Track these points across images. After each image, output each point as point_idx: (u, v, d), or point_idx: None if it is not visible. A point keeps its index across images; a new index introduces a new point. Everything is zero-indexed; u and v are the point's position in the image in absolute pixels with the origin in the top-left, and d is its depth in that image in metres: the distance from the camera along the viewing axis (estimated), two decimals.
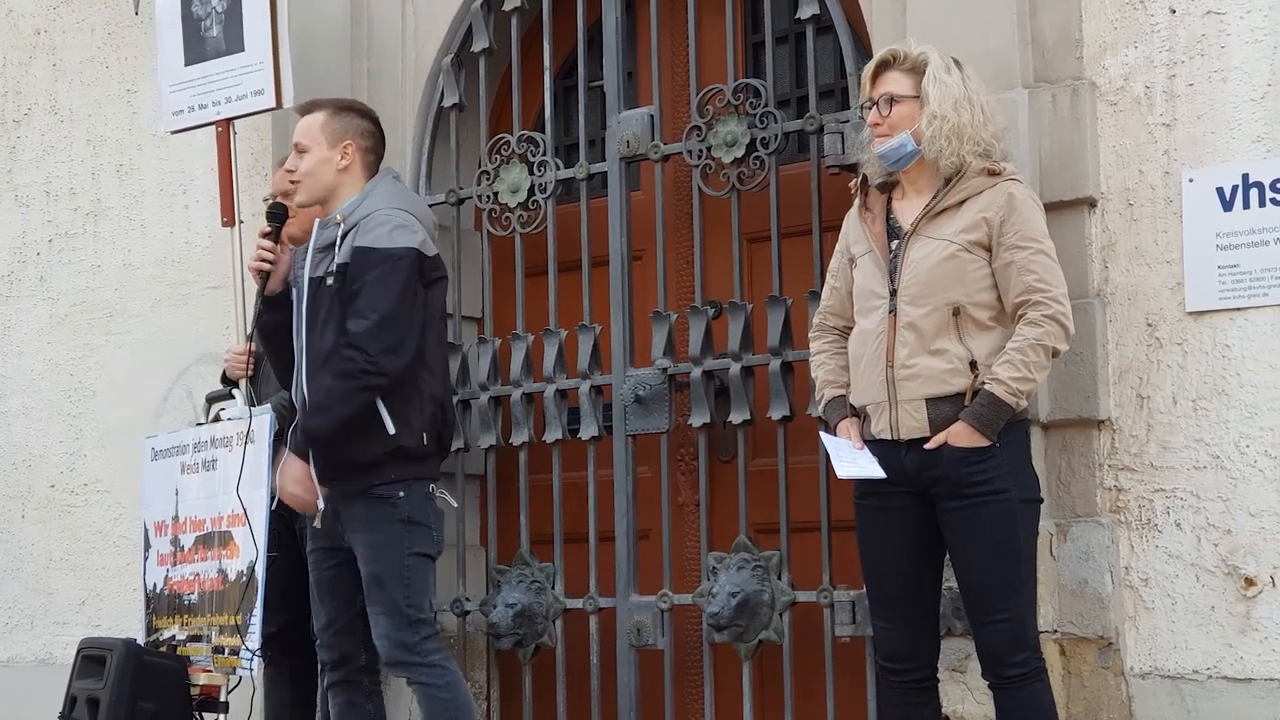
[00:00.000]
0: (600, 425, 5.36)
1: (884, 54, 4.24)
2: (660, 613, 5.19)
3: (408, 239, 4.62)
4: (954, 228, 4.11)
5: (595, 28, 5.53)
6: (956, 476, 4.03)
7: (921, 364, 4.07)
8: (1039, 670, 4.06)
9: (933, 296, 4.08)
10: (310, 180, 4.78)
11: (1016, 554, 4.05)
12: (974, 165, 4.13)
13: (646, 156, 5.34)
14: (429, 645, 4.62)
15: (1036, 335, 4.01)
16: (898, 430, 4.11)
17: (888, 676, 4.22)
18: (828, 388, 4.32)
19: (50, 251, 6.99)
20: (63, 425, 6.87)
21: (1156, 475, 4.49)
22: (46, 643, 6.81)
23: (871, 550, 4.22)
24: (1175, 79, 4.52)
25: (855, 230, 4.31)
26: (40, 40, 7.11)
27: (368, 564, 4.63)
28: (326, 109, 4.85)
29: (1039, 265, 4.06)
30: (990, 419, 4.01)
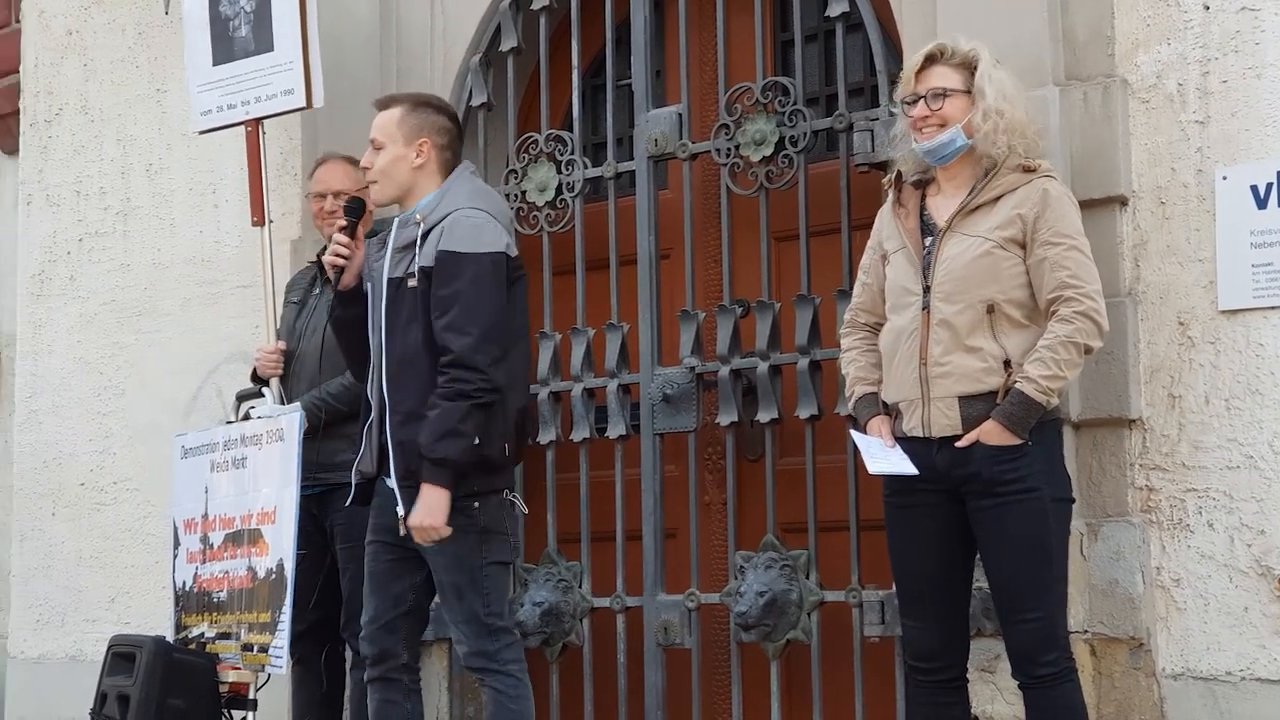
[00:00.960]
0: (628, 424, 5.35)
1: (932, 47, 4.22)
2: (687, 612, 5.18)
3: (492, 240, 4.56)
4: (989, 224, 4.10)
5: (623, 26, 5.52)
6: (988, 475, 4.02)
7: (955, 361, 4.06)
8: (1070, 670, 4.04)
9: (967, 294, 4.07)
10: (386, 178, 4.70)
11: (1048, 553, 4.03)
12: (1009, 161, 4.12)
13: (674, 155, 5.33)
14: (508, 654, 4.57)
15: (1068, 332, 4.00)
16: (930, 428, 4.09)
17: (917, 676, 4.21)
18: (859, 385, 4.31)
19: (80, 251, 7.01)
20: (93, 424, 6.89)
21: (1188, 475, 4.46)
22: (77, 640, 6.83)
23: (901, 548, 4.21)
24: (1209, 76, 4.49)
25: (888, 226, 4.29)
26: (71, 40, 7.13)
27: (444, 573, 4.55)
28: (403, 105, 4.76)
29: (1072, 261, 4.04)
30: (1021, 417, 4.00)
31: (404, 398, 4.55)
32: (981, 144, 4.12)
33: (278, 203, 6.08)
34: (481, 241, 4.53)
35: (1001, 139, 4.10)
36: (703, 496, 5.32)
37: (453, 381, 4.44)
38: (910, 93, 4.20)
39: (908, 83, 4.22)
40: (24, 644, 7.04)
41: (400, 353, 4.57)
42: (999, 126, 4.10)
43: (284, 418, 5.14)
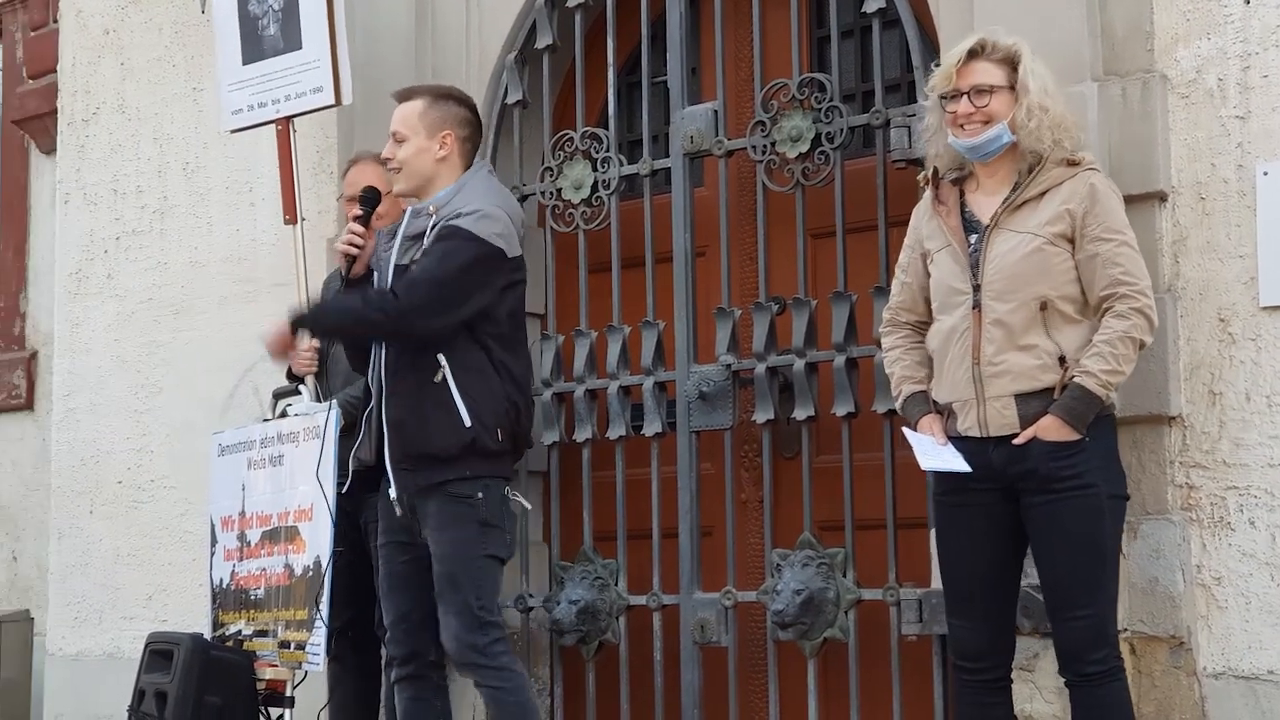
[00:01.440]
0: (664, 422, 5.34)
1: (974, 42, 4.17)
2: (724, 610, 5.17)
3: (491, 230, 4.61)
4: (1037, 220, 4.07)
5: (659, 23, 5.51)
6: (1045, 471, 3.99)
7: (1010, 360, 4.04)
8: (1118, 669, 4.02)
9: (1019, 291, 4.04)
10: (408, 170, 4.75)
11: (1101, 550, 4.01)
12: (1053, 155, 4.09)
13: (710, 152, 5.32)
14: (497, 648, 4.60)
15: (1125, 328, 3.98)
16: (986, 427, 4.07)
17: (963, 676, 4.18)
18: (905, 384, 4.28)
19: (117, 249, 7.03)
20: (130, 422, 6.91)
21: (1229, 473, 4.43)
22: (114, 637, 6.86)
23: (952, 547, 4.19)
24: (1249, 71, 4.46)
25: (928, 225, 4.26)
26: (108, 40, 7.16)
27: (442, 563, 4.60)
28: (425, 97, 4.81)
29: (1124, 258, 4.03)
30: (1080, 412, 3.97)
31: (401, 381, 4.62)
32: (1025, 140, 4.09)
33: (313, 201, 6.10)
34: (479, 227, 4.59)
35: (1046, 134, 4.08)
36: (739, 494, 5.31)
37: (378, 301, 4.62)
38: (951, 88, 4.15)
39: (947, 78, 4.17)
40: (62, 641, 7.07)
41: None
42: (1044, 122, 4.07)
43: (320, 415, 5.14)
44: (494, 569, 4.66)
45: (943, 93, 4.18)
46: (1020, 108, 4.09)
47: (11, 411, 8.17)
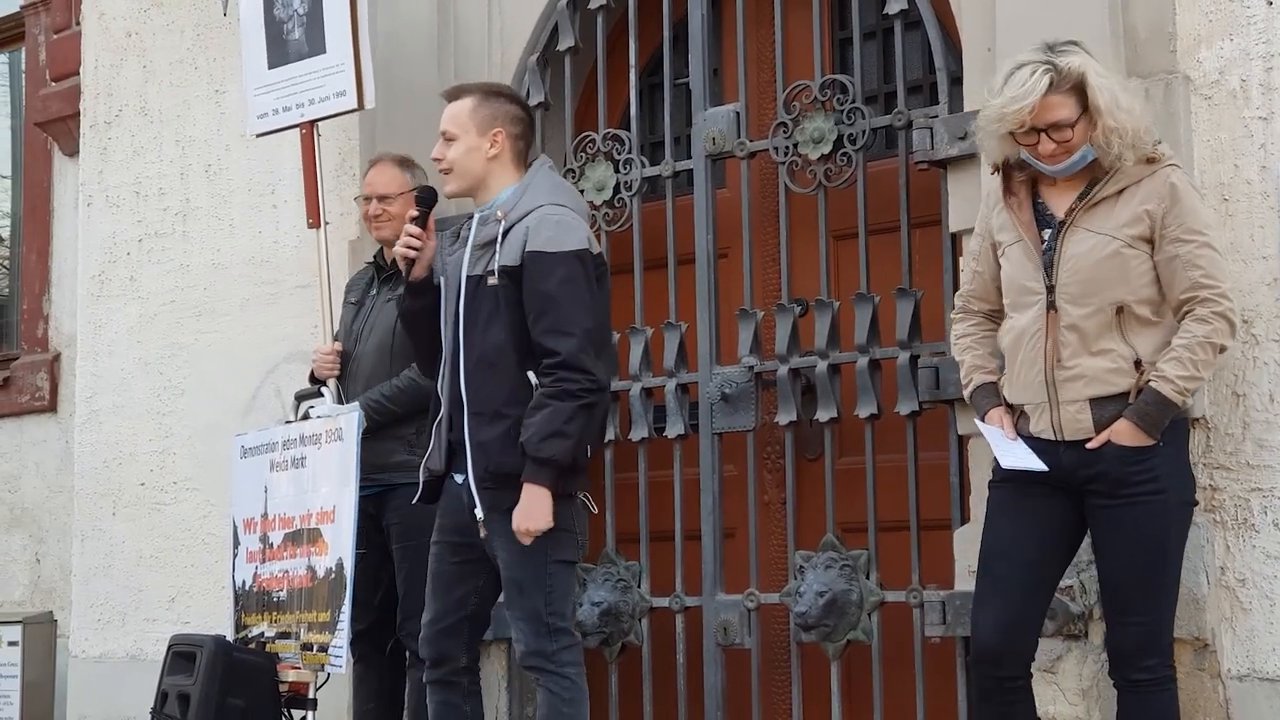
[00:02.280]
0: (686, 423, 5.34)
1: (1046, 76, 3.96)
2: (747, 612, 5.17)
3: (578, 238, 4.46)
4: (1116, 221, 4.00)
5: (681, 25, 5.52)
6: (1117, 474, 3.95)
7: (1084, 364, 3.98)
8: (1168, 679, 4.00)
9: (1096, 296, 3.98)
10: (459, 169, 4.60)
11: (1164, 556, 3.97)
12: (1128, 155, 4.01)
13: (732, 154, 5.32)
14: (566, 656, 4.49)
15: (1205, 333, 3.93)
16: (1061, 431, 4.02)
17: (984, 670, 4.10)
18: (976, 373, 4.22)
19: (140, 251, 7.05)
20: (152, 424, 6.93)
21: (1253, 474, 4.41)
22: (137, 639, 6.88)
23: (1002, 534, 4.10)
24: (1272, 72, 4.45)
25: (999, 216, 4.17)
26: (131, 42, 7.18)
27: (509, 569, 4.47)
28: (475, 95, 4.66)
29: (1205, 260, 3.96)
30: (1156, 417, 3.93)
31: (485, 397, 4.46)
32: (1102, 155, 4.00)
33: (336, 203, 6.11)
34: (569, 240, 4.44)
35: (1128, 153, 3.98)
36: (762, 496, 5.31)
37: (559, 382, 4.35)
38: (1028, 126, 3.98)
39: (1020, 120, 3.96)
40: (85, 643, 7.09)
41: (480, 352, 4.48)
42: (1121, 141, 3.97)
43: (343, 417, 5.15)
44: (563, 573, 4.50)
45: (1015, 129, 4.00)
46: (1097, 131, 3.98)
47: (35, 414, 8.19)
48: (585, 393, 4.37)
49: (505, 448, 4.40)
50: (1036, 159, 4.05)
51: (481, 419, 4.46)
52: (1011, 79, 4.02)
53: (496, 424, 4.43)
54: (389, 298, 5.31)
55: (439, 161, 4.63)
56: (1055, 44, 4.07)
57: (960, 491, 4.82)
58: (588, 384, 4.37)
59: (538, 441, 4.33)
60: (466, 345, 4.51)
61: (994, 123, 4.05)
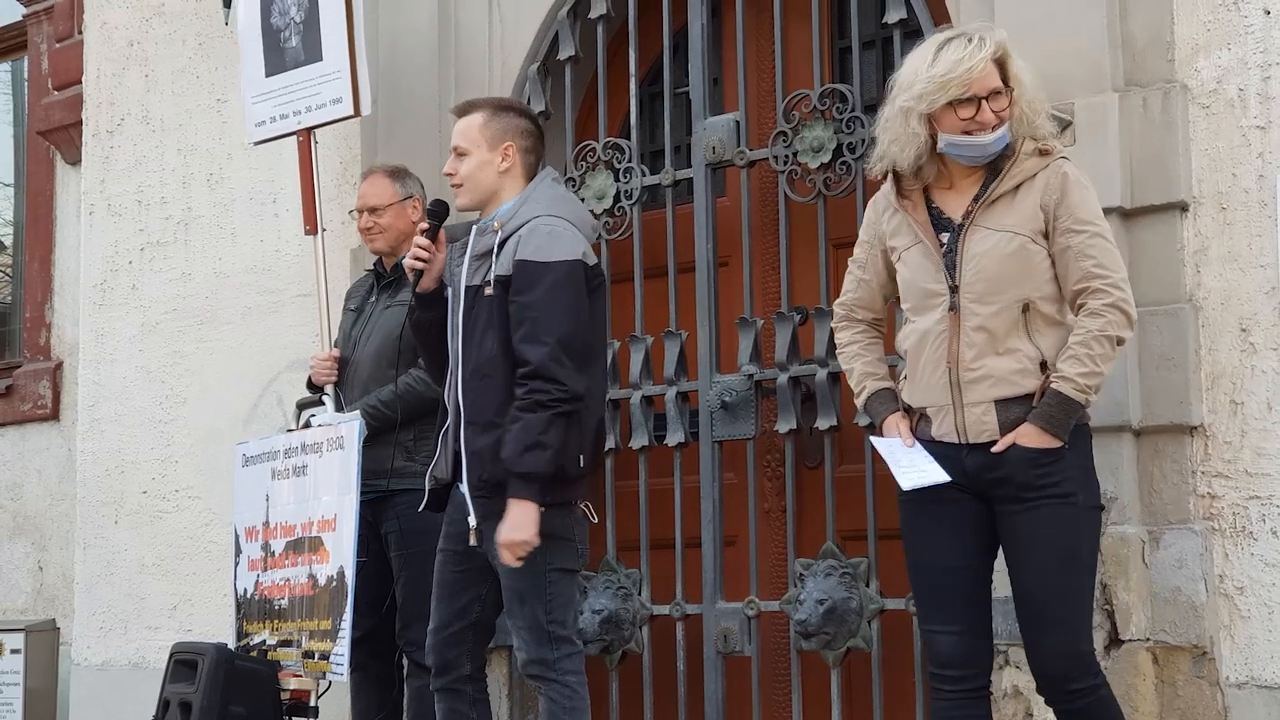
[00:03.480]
0: (687, 432, 5.36)
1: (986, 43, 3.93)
2: (747, 619, 5.18)
3: (568, 248, 4.45)
4: (1017, 216, 3.95)
5: (680, 34, 5.53)
6: (1023, 478, 3.88)
7: (989, 365, 3.92)
8: (1097, 686, 3.90)
9: (1002, 294, 3.92)
10: (471, 184, 4.62)
11: (1078, 562, 3.90)
12: (1025, 147, 3.97)
13: (732, 162, 5.34)
14: (567, 664, 4.49)
15: (1100, 326, 3.86)
16: (965, 434, 3.96)
17: (941, 686, 4.00)
18: (868, 380, 4.17)
19: (142, 260, 7.07)
20: (154, 432, 6.95)
21: (1251, 482, 4.43)
22: (139, 647, 6.89)
23: (924, 547, 4.03)
24: (1270, 81, 4.46)
25: (892, 221, 4.11)
26: (133, 52, 7.20)
27: (508, 578, 4.48)
28: (485, 110, 4.68)
29: (1097, 249, 3.90)
30: (1060, 419, 3.86)
31: (479, 407, 4.49)
32: (1017, 133, 3.96)
33: (337, 211, 6.12)
34: (557, 249, 4.44)
35: (1030, 129, 3.95)
36: (762, 504, 5.32)
37: (531, 393, 4.36)
38: (969, 94, 3.93)
39: (966, 84, 3.92)
40: (87, 651, 7.11)
41: (475, 361, 4.51)
42: (1033, 118, 3.95)
43: (344, 425, 5.16)
44: (563, 582, 4.50)
45: (955, 98, 3.94)
46: (1017, 105, 3.95)
47: (37, 422, 8.20)
48: (557, 402, 4.36)
49: (498, 457, 4.41)
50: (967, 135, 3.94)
51: (476, 428, 4.49)
52: (944, 50, 3.96)
53: (490, 433, 4.44)
54: (388, 304, 5.33)
55: (451, 176, 4.65)
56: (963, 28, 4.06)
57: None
58: (559, 393, 4.36)
59: (515, 456, 4.34)
60: (465, 355, 4.54)
61: (935, 93, 3.95)
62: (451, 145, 4.66)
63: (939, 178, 4.07)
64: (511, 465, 4.34)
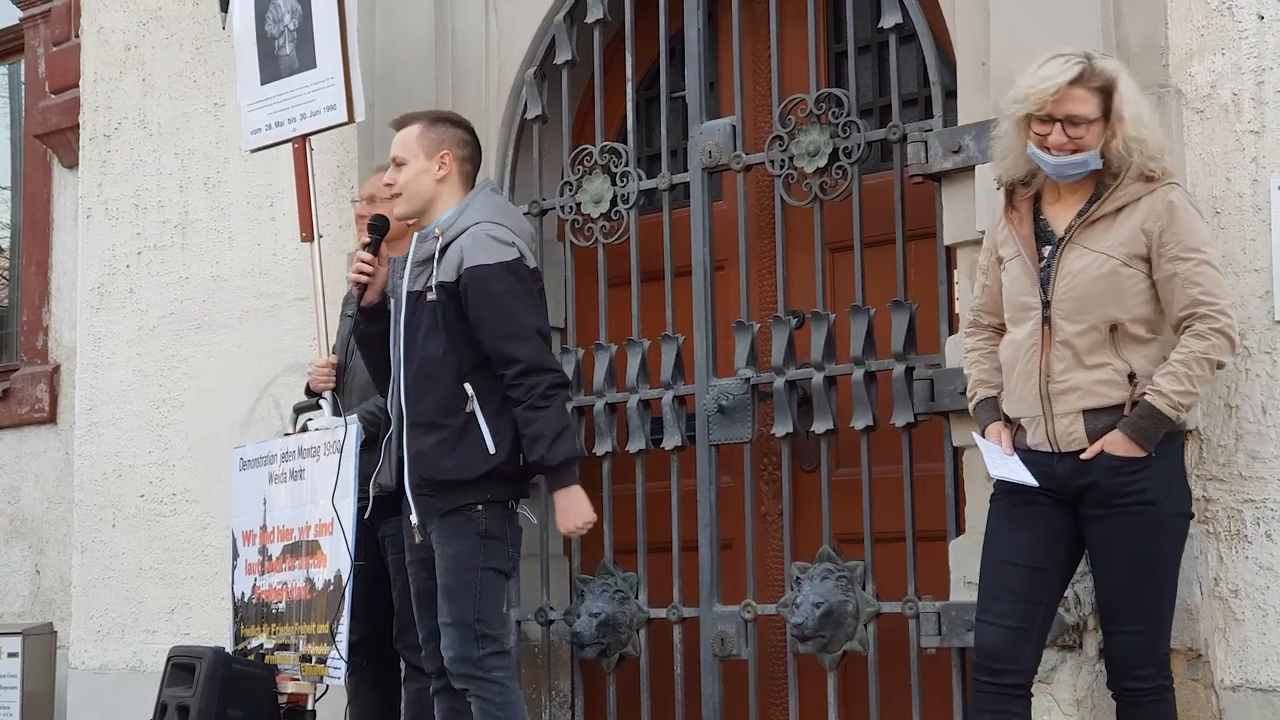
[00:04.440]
0: (683, 435, 5.37)
1: (1076, 67, 4.00)
2: (744, 623, 5.19)
3: (510, 251, 4.63)
4: (1112, 239, 4.02)
5: (677, 38, 5.54)
6: (1108, 485, 3.97)
7: (1076, 378, 4.01)
8: (1164, 689, 4.01)
9: (1090, 313, 4.00)
10: (409, 192, 4.77)
11: (1155, 567, 3.99)
12: (1132, 171, 4.03)
13: (729, 167, 5.35)
14: (493, 661, 4.58)
15: (1203, 349, 3.94)
16: (1056, 443, 4.04)
17: (983, 679, 4.09)
18: (980, 388, 4.26)
19: (139, 264, 7.08)
20: (152, 436, 6.95)
21: (1246, 485, 4.44)
22: (137, 650, 6.90)
23: (1001, 542, 4.12)
24: (1263, 85, 4.47)
25: (1003, 231, 4.20)
26: (130, 56, 7.21)
27: (441, 576, 4.62)
28: (421, 121, 4.84)
29: (1204, 277, 3.97)
30: (1148, 430, 3.95)
31: (423, 408, 4.63)
32: (1115, 164, 4.03)
33: (334, 216, 6.13)
34: (503, 251, 4.61)
35: (1138, 160, 4.00)
36: (759, 507, 5.33)
37: (532, 389, 4.55)
38: (1045, 111, 4.00)
39: (1040, 102, 3.99)
40: (85, 654, 7.11)
41: (419, 364, 4.65)
42: (1141, 152, 3.99)
43: (341, 429, 5.17)
44: (494, 582, 4.63)
45: (1035, 111, 4.02)
46: (1115, 138, 3.99)
47: (34, 425, 8.20)
48: (555, 389, 4.57)
49: (440, 456, 4.58)
50: (1043, 150, 4.03)
51: (419, 429, 4.64)
52: (1045, 65, 4.06)
53: (433, 433, 4.60)
54: None
55: (390, 187, 4.80)
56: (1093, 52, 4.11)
57: (956, 503, 4.85)
58: (557, 380, 4.60)
59: (546, 451, 4.54)
60: (406, 359, 4.69)
61: (1016, 103, 4.06)
62: (390, 157, 4.81)
63: (1049, 189, 4.15)
64: (549, 460, 4.55)
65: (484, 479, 4.58)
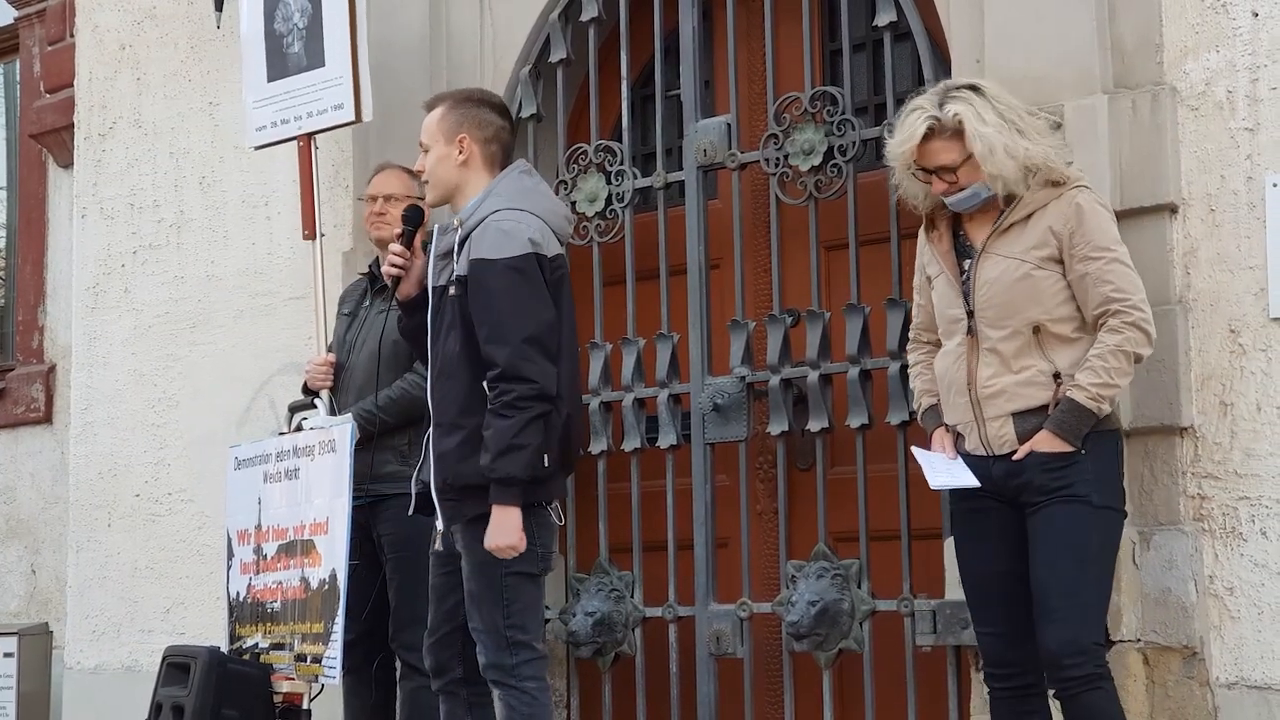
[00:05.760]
0: (679, 434, 5.36)
1: (924, 125, 4.11)
2: (740, 621, 5.19)
3: (521, 242, 4.39)
4: (1024, 244, 4.11)
5: (672, 37, 5.54)
6: (1039, 482, 4.04)
7: (1002, 382, 4.10)
8: (1096, 677, 3.98)
9: (1011, 318, 4.10)
10: (434, 179, 4.60)
11: (1084, 557, 4.02)
12: (1036, 178, 4.11)
13: (724, 165, 5.35)
14: (526, 670, 4.43)
15: (1117, 341, 4.02)
16: (990, 447, 4.12)
17: (993, 684, 4.19)
18: (924, 397, 4.36)
19: (135, 263, 7.07)
20: (147, 435, 6.95)
21: (1241, 483, 4.44)
22: (132, 650, 6.89)
23: (969, 553, 4.23)
24: (1258, 83, 4.47)
25: (927, 251, 4.32)
26: (125, 55, 7.20)
27: (468, 581, 4.47)
28: (446, 102, 4.65)
29: (1114, 275, 4.06)
30: (1071, 425, 4.02)
31: (443, 408, 4.48)
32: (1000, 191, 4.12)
33: (330, 215, 6.12)
34: (509, 245, 4.38)
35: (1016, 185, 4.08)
36: (754, 506, 5.33)
37: (501, 395, 4.32)
38: (916, 167, 4.16)
39: (906, 163, 4.16)
40: (80, 654, 7.11)
41: (441, 363, 4.50)
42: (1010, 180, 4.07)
43: (336, 428, 5.17)
44: (523, 586, 4.44)
45: (908, 169, 4.19)
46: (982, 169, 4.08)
47: (30, 425, 8.20)
48: (528, 401, 4.31)
49: (461, 458, 4.39)
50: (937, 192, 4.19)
51: (441, 430, 4.48)
52: (901, 123, 4.20)
53: (453, 434, 4.43)
54: (382, 309, 5.32)
55: (420, 174, 4.66)
56: (951, 86, 4.18)
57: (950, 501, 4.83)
58: (529, 392, 4.31)
59: (491, 461, 4.30)
60: (433, 356, 4.54)
61: (896, 164, 4.24)
62: (419, 142, 4.65)
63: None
64: (489, 472, 4.30)
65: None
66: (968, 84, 4.20)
